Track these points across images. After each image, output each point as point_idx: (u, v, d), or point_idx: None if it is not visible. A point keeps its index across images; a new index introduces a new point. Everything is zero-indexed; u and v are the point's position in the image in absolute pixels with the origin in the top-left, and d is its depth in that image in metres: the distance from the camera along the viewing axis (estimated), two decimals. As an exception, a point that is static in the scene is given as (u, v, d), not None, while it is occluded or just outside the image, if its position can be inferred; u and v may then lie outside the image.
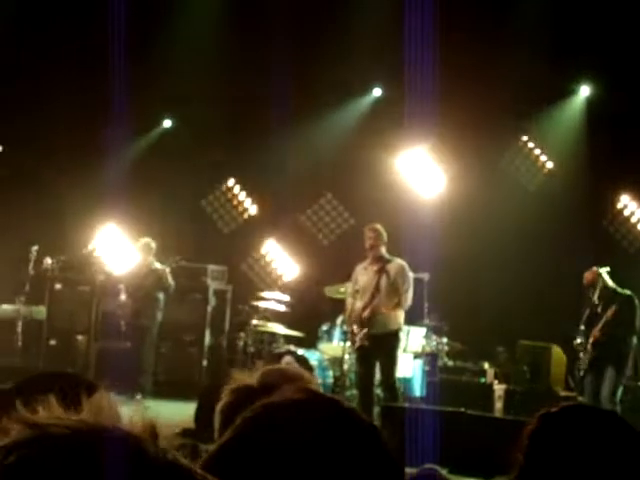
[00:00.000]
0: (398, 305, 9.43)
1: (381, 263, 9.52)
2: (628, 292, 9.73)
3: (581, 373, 9.83)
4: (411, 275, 9.55)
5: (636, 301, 9.66)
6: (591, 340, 9.58)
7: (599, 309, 9.68)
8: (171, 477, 0.88)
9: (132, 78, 13.44)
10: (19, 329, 12.26)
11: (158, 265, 11.66)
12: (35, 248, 12.19)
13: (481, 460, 7.74)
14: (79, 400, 0.93)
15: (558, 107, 13.53)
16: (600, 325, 9.55)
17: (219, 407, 2.04)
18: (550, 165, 13.72)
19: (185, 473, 0.90)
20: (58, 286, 12.75)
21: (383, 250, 9.58)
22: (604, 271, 9.81)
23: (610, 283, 9.74)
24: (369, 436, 1.25)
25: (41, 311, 12.69)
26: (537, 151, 13.82)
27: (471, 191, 13.29)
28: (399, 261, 9.56)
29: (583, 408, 1.82)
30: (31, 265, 12.23)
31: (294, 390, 1.31)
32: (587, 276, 9.91)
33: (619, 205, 13.35)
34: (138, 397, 11.33)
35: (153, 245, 11.61)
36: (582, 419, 1.71)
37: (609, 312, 9.51)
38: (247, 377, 2.10)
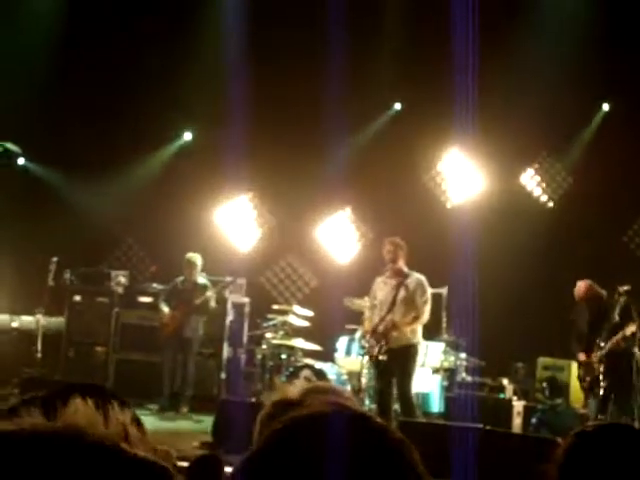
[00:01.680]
0: (416, 319, 9.41)
1: (400, 277, 9.51)
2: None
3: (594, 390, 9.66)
4: (429, 290, 9.53)
5: None
6: (606, 349, 9.37)
7: (615, 325, 9.47)
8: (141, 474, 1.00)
9: (152, 91, 13.58)
10: (38, 340, 12.30)
11: (203, 280, 11.76)
12: (55, 259, 12.24)
13: (499, 477, 7.68)
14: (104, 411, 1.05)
15: (579, 123, 13.50)
16: (614, 340, 9.38)
17: (259, 417, 2.07)
18: (570, 181, 13.68)
19: (158, 471, 1.02)
20: (77, 298, 12.79)
21: (402, 264, 9.57)
22: (625, 289, 9.66)
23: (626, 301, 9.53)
24: (397, 452, 1.23)
25: (60, 322, 12.73)
26: (557, 167, 13.79)
27: (492, 205, 13.28)
28: (418, 275, 9.55)
29: (620, 427, 1.78)
30: (51, 276, 12.27)
31: (322, 403, 1.31)
32: (580, 288, 9.62)
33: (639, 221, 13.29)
34: (185, 410, 11.38)
35: (198, 260, 11.69)
36: (618, 438, 1.70)
37: (627, 330, 9.34)
38: (289, 389, 2.12)
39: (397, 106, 14.30)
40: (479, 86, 12.59)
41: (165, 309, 11.65)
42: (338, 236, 14.55)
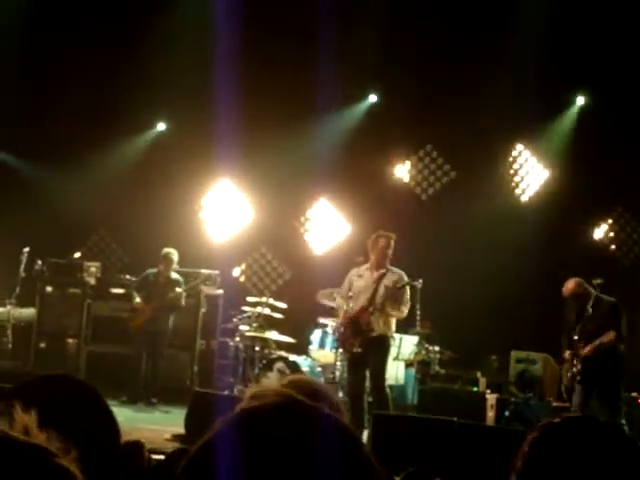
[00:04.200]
0: (395, 313, 9.40)
1: (381, 271, 9.49)
2: (612, 299, 9.53)
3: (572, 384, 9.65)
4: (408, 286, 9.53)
5: (620, 308, 9.49)
6: (586, 351, 9.41)
7: (588, 320, 9.47)
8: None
9: (128, 81, 13.47)
10: (9, 331, 12.19)
11: (176, 275, 11.75)
12: (26, 250, 12.13)
13: (472, 469, 7.70)
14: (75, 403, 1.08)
15: (553, 116, 13.54)
16: (591, 348, 9.37)
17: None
18: (545, 175, 13.74)
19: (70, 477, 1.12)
20: (49, 289, 12.68)
21: (387, 259, 9.55)
22: (596, 282, 9.67)
23: (599, 294, 9.55)
24: (347, 443, 1.22)
25: (31, 314, 12.62)
26: (532, 160, 13.84)
27: (465, 199, 13.31)
28: (398, 271, 9.54)
29: (587, 420, 1.73)
30: (22, 267, 12.16)
31: (274, 395, 1.30)
32: (567, 286, 9.62)
33: (613, 216, 13.36)
34: (154, 400, 11.38)
35: (175, 256, 11.66)
36: (584, 431, 1.66)
37: (605, 337, 9.29)
38: (269, 384, 2.07)
39: (373, 97, 14.26)
40: (450, 79, 12.65)
41: (137, 299, 11.61)
42: (312, 228, 14.52)
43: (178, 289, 11.59)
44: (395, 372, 10.87)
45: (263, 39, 12.91)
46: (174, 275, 11.77)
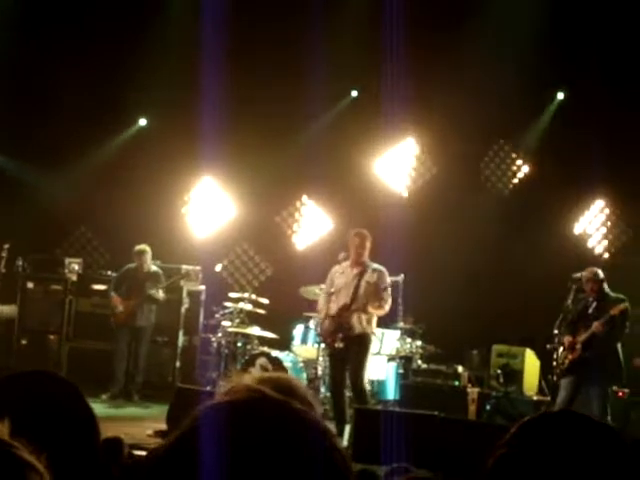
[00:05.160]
0: (377, 309, 9.42)
1: (361, 267, 9.51)
2: (622, 296, 9.54)
3: (555, 378, 9.67)
4: (389, 280, 9.54)
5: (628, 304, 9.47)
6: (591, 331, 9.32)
7: (590, 313, 9.45)
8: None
9: (111, 78, 13.42)
10: (-10, 328, 12.14)
11: (154, 268, 11.76)
12: (7, 246, 12.07)
13: (454, 463, 7.74)
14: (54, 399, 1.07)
15: (534, 111, 13.59)
16: (584, 337, 9.37)
17: None
18: (525, 169, 13.80)
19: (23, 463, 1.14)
20: (30, 285, 12.63)
21: (366, 255, 9.58)
22: (576, 277, 9.70)
23: (606, 287, 9.56)
24: (319, 437, 1.23)
25: (12, 310, 12.56)
26: (513, 155, 13.90)
27: (447, 193, 13.36)
28: (379, 267, 9.56)
29: (566, 414, 1.61)
30: (2, 263, 12.10)
31: (243, 390, 1.31)
32: (589, 275, 9.57)
33: (593, 210, 13.43)
34: (136, 396, 11.39)
35: (147, 250, 11.70)
36: (563, 426, 1.55)
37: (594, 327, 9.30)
38: (243, 380, 2.05)
39: (354, 93, 14.27)
40: (429, 74, 12.66)
41: (114, 297, 11.60)
42: (294, 223, 14.53)
43: (152, 290, 11.58)
44: (377, 367, 10.90)
45: (247, 37, 12.89)
46: (153, 268, 11.78)
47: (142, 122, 14.77)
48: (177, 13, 13.25)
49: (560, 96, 13.53)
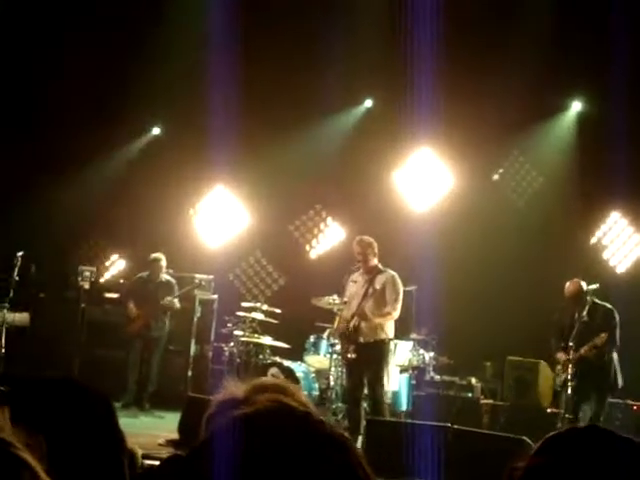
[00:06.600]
0: (387, 314, 9.37)
1: (372, 273, 9.47)
2: (609, 306, 9.61)
3: (567, 389, 9.64)
4: (401, 286, 9.49)
5: (616, 315, 9.56)
6: (578, 354, 9.39)
7: (584, 326, 9.47)
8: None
9: (124, 86, 13.45)
10: (2, 336, 12.13)
11: (167, 277, 11.77)
12: (20, 254, 12.07)
13: (467, 476, 7.67)
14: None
15: (550, 122, 13.54)
16: (583, 351, 9.37)
17: (205, 417, 2.00)
18: (540, 180, 13.73)
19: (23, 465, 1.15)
20: (42, 293, 12.64)
21: (374, 261, 9.53)
22: (592, 288, 9.68)
23: (597, 300, 9.62)
24: (338, 448, 1.22)
25: (25, 318, 12.57)
26: (527, 166, 13.83)
27: (462, 205, 13.30)
28: (390, 271, 9.52)
29: (594, 430, 1.63)
30: (16, 271, 12.10)
31: (265, 401, 1.29)
32: (570, 287, 9.67)
33: (608, 222, 13.34)
34: (148, 405, 11.43)
35: (162, 261, 11.73)
36: (591, 442, 1.58)
37: (598, 340, 9.30)
38: (236, 388, 2.04)
39: (368, 103, 14.25)
40: (446, 85, 12.61)
41: (131, 305, 11.60)
42: (308, 233, 14.49)
43: (168, 297, 11.56)
44: (390, 378, 10.83)
45: (259, 44, 12.89)
46: (166, 277, 11.78)
47: (156, 131, 14.81)
48: (190, 21, 13.26)
49: (577, 107, 13.47)
